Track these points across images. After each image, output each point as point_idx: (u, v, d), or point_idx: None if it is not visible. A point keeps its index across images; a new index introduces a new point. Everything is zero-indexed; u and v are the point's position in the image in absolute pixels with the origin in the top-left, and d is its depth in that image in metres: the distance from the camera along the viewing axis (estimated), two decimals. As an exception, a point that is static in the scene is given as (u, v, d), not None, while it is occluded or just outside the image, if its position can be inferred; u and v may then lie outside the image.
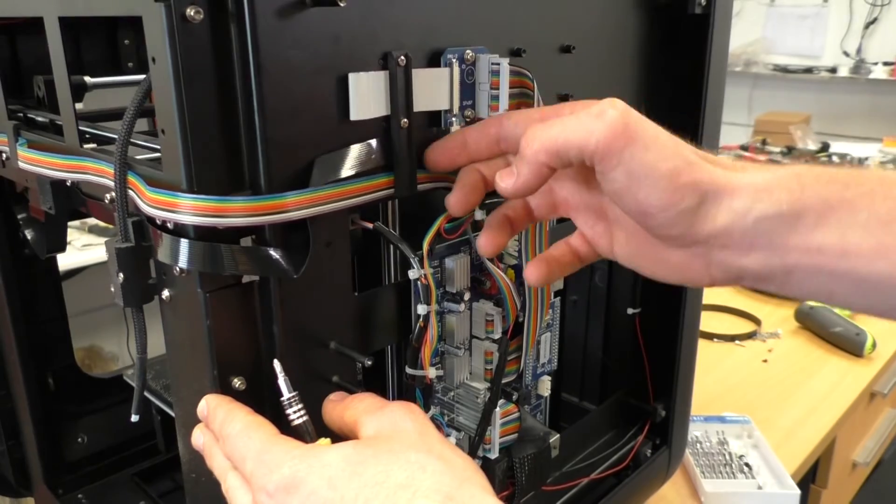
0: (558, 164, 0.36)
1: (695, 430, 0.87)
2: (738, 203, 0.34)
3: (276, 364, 0.37)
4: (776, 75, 3.69)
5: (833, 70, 3.55)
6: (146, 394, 0.60)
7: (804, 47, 3.65)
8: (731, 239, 0.35)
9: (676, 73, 0.58)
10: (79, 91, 0.57)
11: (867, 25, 3.45)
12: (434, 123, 0.42)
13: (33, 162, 0.47)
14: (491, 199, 0.45)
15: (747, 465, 0.82)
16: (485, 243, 0.42)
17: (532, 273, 0.42)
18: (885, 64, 3.37)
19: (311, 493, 0.31)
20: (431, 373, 0.43)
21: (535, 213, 0.43)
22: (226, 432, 0.35)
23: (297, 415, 0.37)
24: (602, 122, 0.34)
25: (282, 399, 0.37)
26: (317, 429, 0.37)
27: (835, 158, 2.61)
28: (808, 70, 3.62)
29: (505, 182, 0.37)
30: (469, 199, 0.41)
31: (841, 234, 0.33)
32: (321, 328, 0.39)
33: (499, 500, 0.31)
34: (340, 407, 0.37)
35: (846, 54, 3.53)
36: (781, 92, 3.74)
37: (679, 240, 0.36)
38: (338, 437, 0.36)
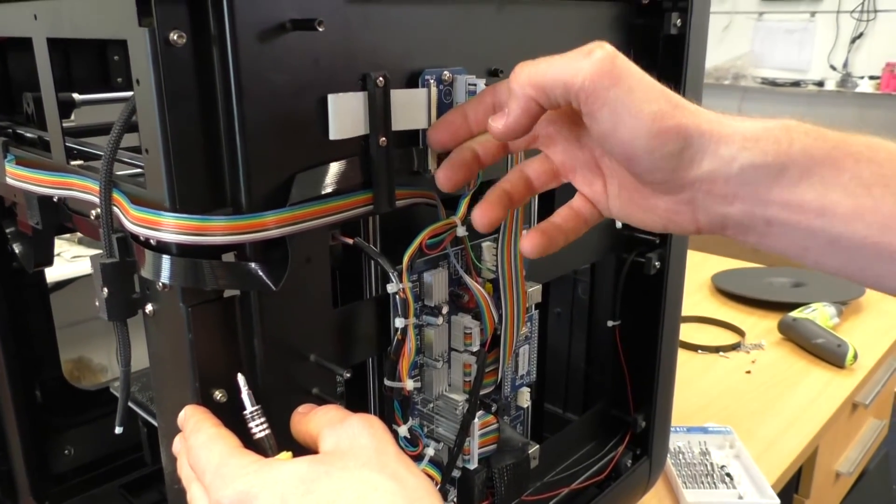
0: (546, 102, 0.36)
1: (677, 441, 0.88)
2: (725, 150, 0.34)
3: (240, 378, 0.38)
4: (764, 88, 3.73)
5: (820, 84, 3.59)
6: (133, 406, 0.60)
7: (792, 61, 3.69)
8: (715, 185, 0.35)
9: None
10: (67, 108, 0.57)
11: (853, 40, 3.49)
12: (412, 142, 0.43)
13: (21, 178, 0.48)
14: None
15: (728, 475, 0.83)
16: (479, 216, 0.41)
17: (527, 243, 0.41)
18: (871, 78, 3.41)
19: None
20: (409, 385, 0.43)
21: (534, 183, 0.42)
22: (190, 443, 0.36)
23: (259, 428, 0.37)
24: (589, 60, 0.34)
25: (244, 412, 0.37)
26: (288, 441, 0.38)
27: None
28: (796, 83, 3.66)
29: (497, 122, 0.38)
30: (456, 175, 0.41)
31: (822, 192, 0.33)
32: (301, 341, 0.40)
33: None
34: (305, 420, 0.38)
35: (833, 68, 3.56)
36: (769, 105, 3.77)
37: (664, 185, 0.36)
38: (304, 449, 0.37)
